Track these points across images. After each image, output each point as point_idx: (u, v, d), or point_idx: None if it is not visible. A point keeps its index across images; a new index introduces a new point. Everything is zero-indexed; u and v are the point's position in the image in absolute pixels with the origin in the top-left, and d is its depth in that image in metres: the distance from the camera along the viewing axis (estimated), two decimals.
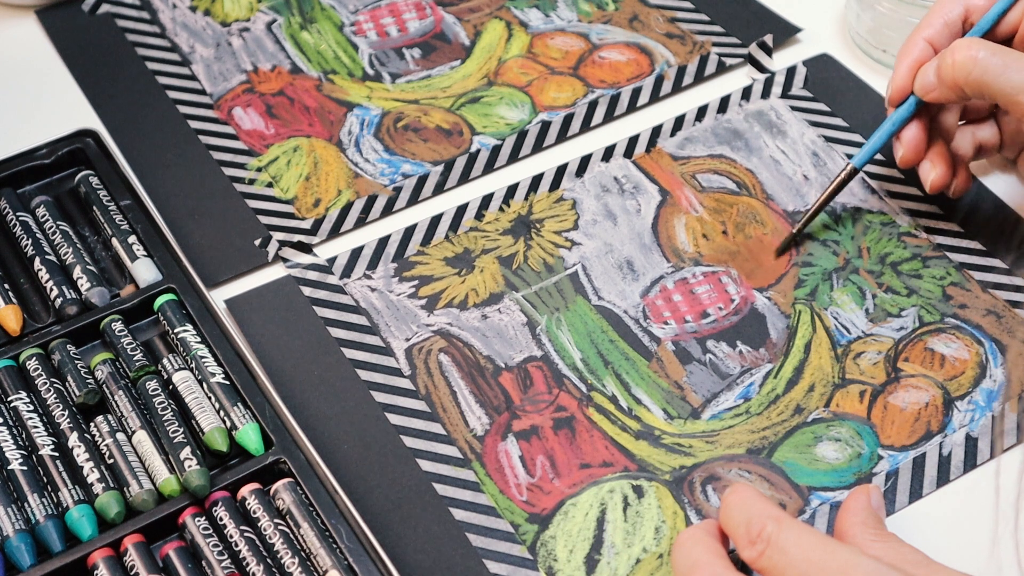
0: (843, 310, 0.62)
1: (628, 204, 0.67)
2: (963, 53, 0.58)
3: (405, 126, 0.72)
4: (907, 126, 0.63)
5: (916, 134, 0.63)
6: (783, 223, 0.66)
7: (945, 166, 0.63)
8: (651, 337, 0.62)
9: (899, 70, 0.63)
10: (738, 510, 0.47)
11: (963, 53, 0.58)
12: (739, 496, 0.48)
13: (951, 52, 0.59)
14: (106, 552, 0.53)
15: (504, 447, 0.58)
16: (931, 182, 0.63)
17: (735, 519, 0.47)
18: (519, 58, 0.75)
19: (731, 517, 0.48)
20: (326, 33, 0.77)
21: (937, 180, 0.63)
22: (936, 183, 0.63)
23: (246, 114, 0.73)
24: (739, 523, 0.47)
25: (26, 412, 0.57)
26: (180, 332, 0.60)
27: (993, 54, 0.58)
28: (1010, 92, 0.57)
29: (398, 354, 0.61)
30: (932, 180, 0.63)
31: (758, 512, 0.47)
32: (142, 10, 0.79)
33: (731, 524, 0.48)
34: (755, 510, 0.47)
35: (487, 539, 0.55)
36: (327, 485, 0.54)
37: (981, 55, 0.58)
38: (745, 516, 0.47)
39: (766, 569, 0.46)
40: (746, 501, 0.47)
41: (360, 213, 0.67)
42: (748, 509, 0.47)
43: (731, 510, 0.48)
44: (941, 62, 0.60)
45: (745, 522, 0.47)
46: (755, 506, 0.47)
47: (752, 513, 0.47)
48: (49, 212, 0.65)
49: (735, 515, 0.47)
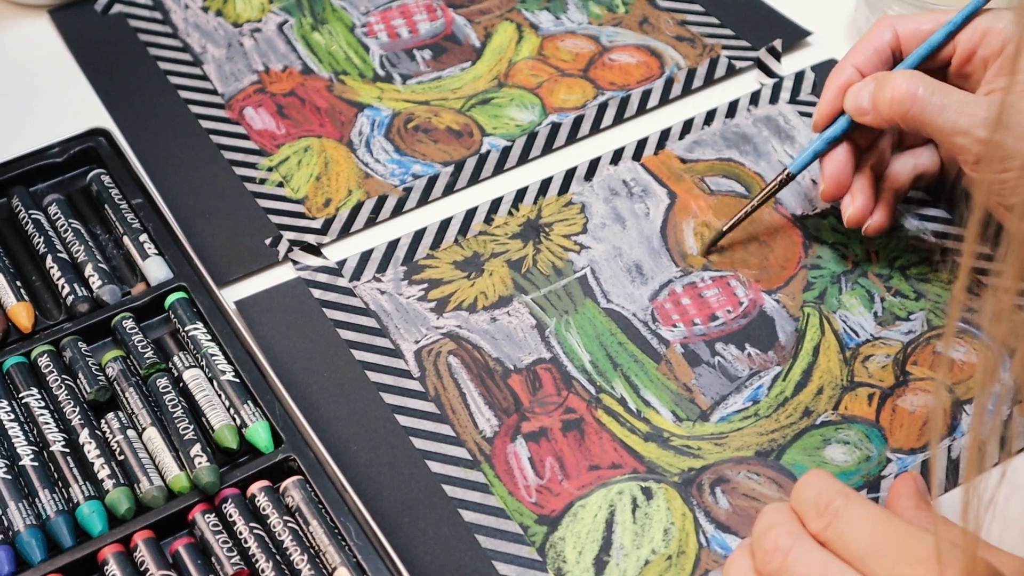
0: (852, 313, 0.63)
1: (637, 208, 0.68)
2: (902, 89, 0.58)
3: (415, 127, 0.72)
4: (832, 154, 0.62)
5: (840, 166, 0.62)
6: (791, 227, 0.66)
7: (865, 199, 0.62)
8: (660, 340, 0.62)
9: (827, 94, 0.62)
10: (808, 487, 0.48)
11: (902, 89, 0.58)
12: (811, 475, 0.48)
13: (891, 86, 0.58)
14: (116, 548, 0.53)
15: (513, 449, 0.58)
16: (848, 216, 0.62)
17: (804, 494, 0.48)
18: (529, 60, 0.76)
19: (801, 492, 0.48)
20: (337, 34, 0.77)
21: (854, 215, 0.62)
22: (853, 217, 0.62)
23: (257, 114, 0.73)
24: (808, 498, 0.48)
25: (37, 408, 0.57)
26: (191, 330, 0.60)
27: (932, 93, 0.57)
28: (948, 132, 0.57)
29: (407, 356, 0.61)
30: (850, 214, 0.62)
31: (827, 488, 0.47)
32: (154, 10, 0.79)
33: (800, 499, 0.48)
34: (824, 486, 0.48)
35: (496, 540, 0.55)
36: (336, 483, 0.54)
37: (920, 92, 0.57)
38: (814, 491, 0.47)
39: (831, 541, 0.46)
40: (817, 479, 0.48)
41: (370, 213, 0.68)
42: (817, 485, 0.48)
43: (801, 488, 0.48)
44: (879, 92, 0.59)
45: (814, 496, 0.47)
46: (825, 482, 0.48)
47: (821, 488, 0.47)
48: (61, 210, 0.65)
49: (805, 491, 0.48)
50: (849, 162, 0.62)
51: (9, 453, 0.56)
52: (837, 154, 0.62)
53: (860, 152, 0.63)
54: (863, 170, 0.63)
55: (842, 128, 0.62)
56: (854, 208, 0.62)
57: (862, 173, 0.63)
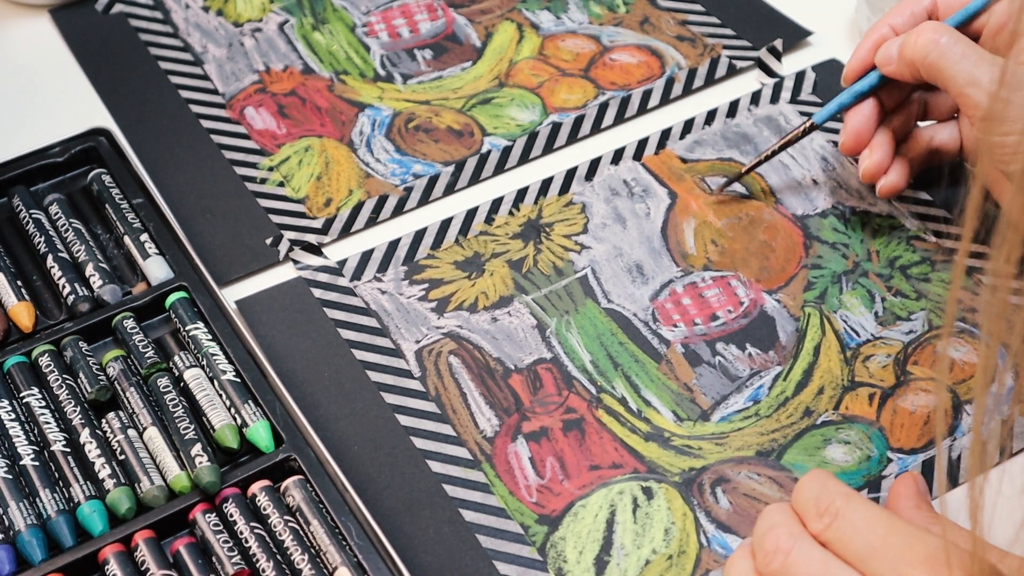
0: (852, 313, 0.63)
1: (637, 208, 0.68)
2: (927, 35, 0.59)
3: (416, 127, 0.72)
4: (857, 108, 0.63)
5: (863, 120, 0.63)
6: (792, 227, 0.66)
7: (883, 155, 0.63)
8: (660, 340, 0.62)
9: (860, 49, 0.63)
10: (808, 487, 0.48)
11: (927, 35, 0.59)
12: (811, 476, 0.48)
13: (917, 32, 0.60)
14: (117, 547, 0.53)
15: (514, 448, 0.58)
16: (863, 168, 0.63)
17: (805, 495, 0.48)
18: (530, 60, 0.76)
19: (801, 493, 0.48)
20: (338, 34, 0.77)
21: (870, 167, 0.63)
22: (869, 170, 0.63)
23: (258, 114, 0.73)
24: (808, 498, 0.48)
25: (38, 408, 0.57)
26: (191, 330, 0.60)
27: (955, 42, 0.58)
28: (961, 82, 0.57)
29: (408, 356, 0.61)
30: (866, 167, 0.63)
31: (828, 488, 0.47)
32: (155, 10, 0.79)
33: (801, 500, 0.48)
34: (825, 486, 0.48)
35: (497, 540, 0.55)
36: (337, 483, 0.54)
37: (943, 40, 0.58)
38: (815, 492, 0.47)
39: (832, 541, 0.46)
40: (818, 479, 0.48)
41: (371, 213, 0.68)
42: (818, 486, 0.48)
43: (802, 488, 0.48)
44: (906, 39, 0.60)
45: (815, 497, 0.47)
46: (826, 483, 0.48)
47: (822, 489, 0.47)
48: (62, 210, 0.65)
49: (805, 492, 0.48)
50: (873, 117, 0.63)
51: (10, 453, 0.56)
52: (862, 108, 0.63)
53: (884, 112, 0.64)
54: (885, 129, 0.64)
55: (870, 83, 0.63)
56: (871, 161, 0.63)
57: (883, 130, 0.64)
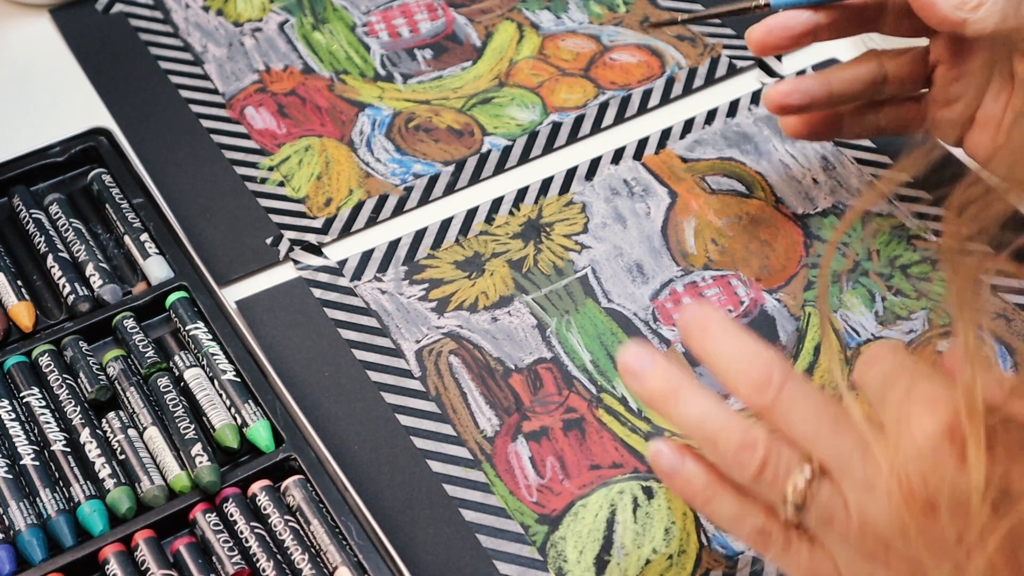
0: (853, 312, 0.63)
1: (637, 207, 0.68)
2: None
3: (416, 126, 0.72)
4: (792, 11, 0.60)
5: (785, 19, 0.59)
6: (792, 226, 0.66)
7: (792, 85, 0.60)
8: (661, 339, 0.62)
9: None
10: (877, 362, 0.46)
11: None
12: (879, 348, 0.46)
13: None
14: (117, 547, 0.53)
15: (514, 448, 0.58)
16: (764, 93, 0.61)
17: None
18: (530, 59, 0.76)
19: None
20: (338, 33, 0.77)
21: (770, 92, 0.60)
22: (769, 95, 0.60)
23: (258, 113, 0.73)
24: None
25: (38, 408, 0.57)
26: (192, 329, 0.60)
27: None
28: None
29: (408, 356, 0.61)
30: (766, 92, 0.60)
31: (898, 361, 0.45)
32: (155, 9, 0.79)
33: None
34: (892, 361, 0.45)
35: (497, 540, 0.55)
36: (337, 482, 0.54)
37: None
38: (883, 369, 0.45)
39: None
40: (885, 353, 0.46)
41: (371, 212, 0.68)
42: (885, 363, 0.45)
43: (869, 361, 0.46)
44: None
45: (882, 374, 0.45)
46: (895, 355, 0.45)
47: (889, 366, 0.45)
48: (62, 210, 0.65)
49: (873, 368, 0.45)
50: (805, 25, 0.60)
51: (10, 452, 0.56)
52: (798, 12, 0.60)
53: (824, 33, 0.60)
54: (822, 76, 0.60)
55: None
56: (774, 87, 0.61)
57: (819, 76, 0.60)
